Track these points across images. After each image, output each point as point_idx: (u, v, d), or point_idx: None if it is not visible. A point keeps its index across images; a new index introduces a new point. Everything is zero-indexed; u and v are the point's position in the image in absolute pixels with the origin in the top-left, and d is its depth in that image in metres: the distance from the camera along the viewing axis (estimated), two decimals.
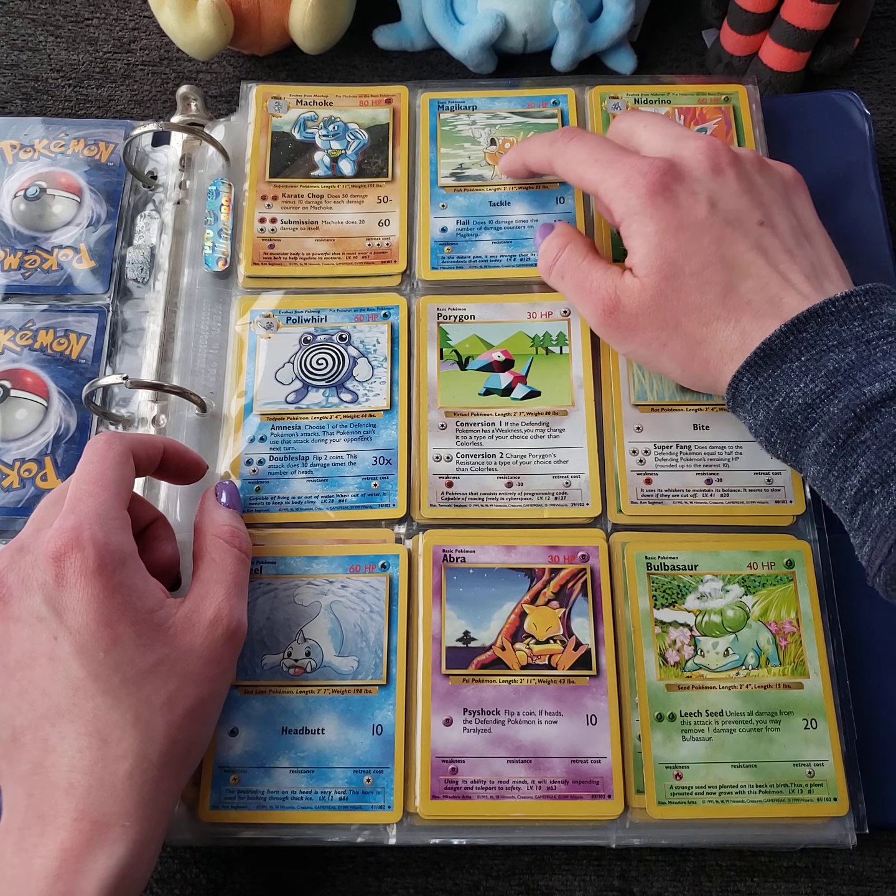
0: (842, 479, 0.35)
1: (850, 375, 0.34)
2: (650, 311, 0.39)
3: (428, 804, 0.39)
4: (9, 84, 0.57)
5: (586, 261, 0.42)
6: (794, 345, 0.35)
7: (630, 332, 0.40)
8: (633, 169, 0.39)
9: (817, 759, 0.39)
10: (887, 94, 0.57)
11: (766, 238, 0.38)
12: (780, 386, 0.36)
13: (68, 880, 0.31)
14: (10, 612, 0.34)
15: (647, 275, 0.38)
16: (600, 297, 0.40)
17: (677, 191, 0.38)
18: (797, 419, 0.35)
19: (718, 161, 0.39)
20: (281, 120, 0.51)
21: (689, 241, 0.38)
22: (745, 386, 0.37)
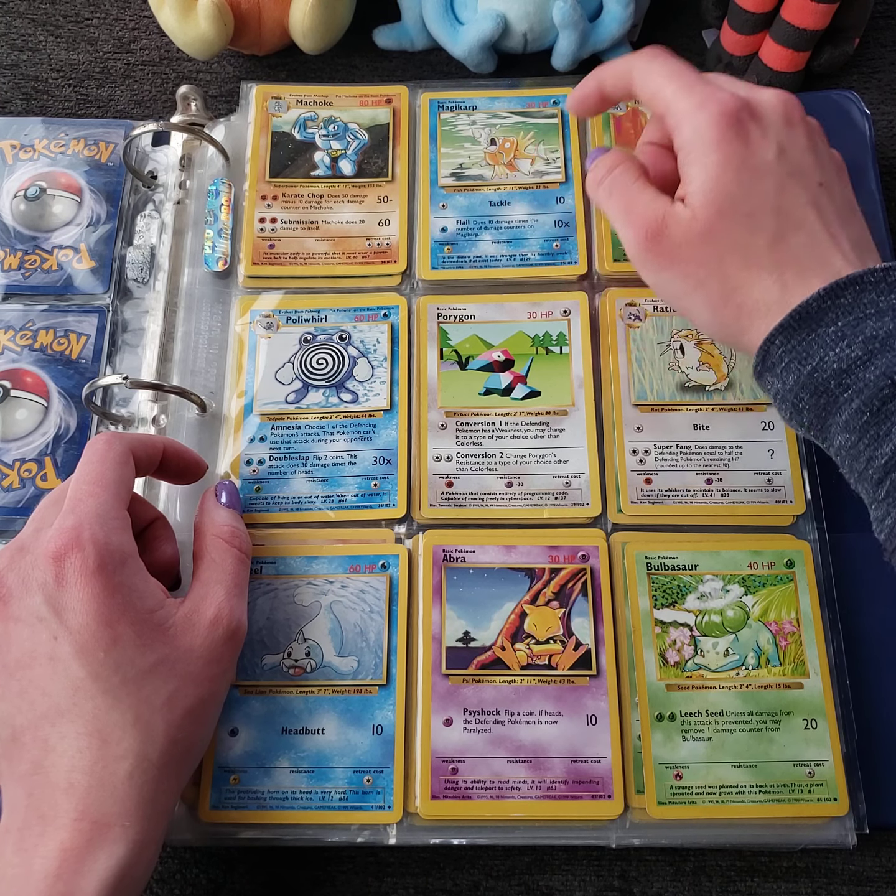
0: (872, 448, 0.34)
1: (887, 343, 0.33)
2: (696, 242, 0.37)
3: (428, 804, 0.39)
4: (9, 84, 0.57)
5: (639, 182, 0.40)
6: (832, 309, 0.35)
7: (669, 262, 0.38)
8: (713, 95, 0.37)
9: (817, 759, 0.39)
10: (887, 94, 0.57)
11: (823, 198, 0.37)
12: (815, 350, 0.35)
13: (68, 880, 0.31)
14: (10, 612, 0.34)
15: (701, 205, 0.37)
16: (647, 219, 0.38)
17: (750, 128, 0.37)
18: (830, 384, 0.34)
19: (793, 114, 0.38)
20: (281, 120, 0.51)
21: (750, 180, 0.37)
22: (777, 349, 0.36)
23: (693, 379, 0.45)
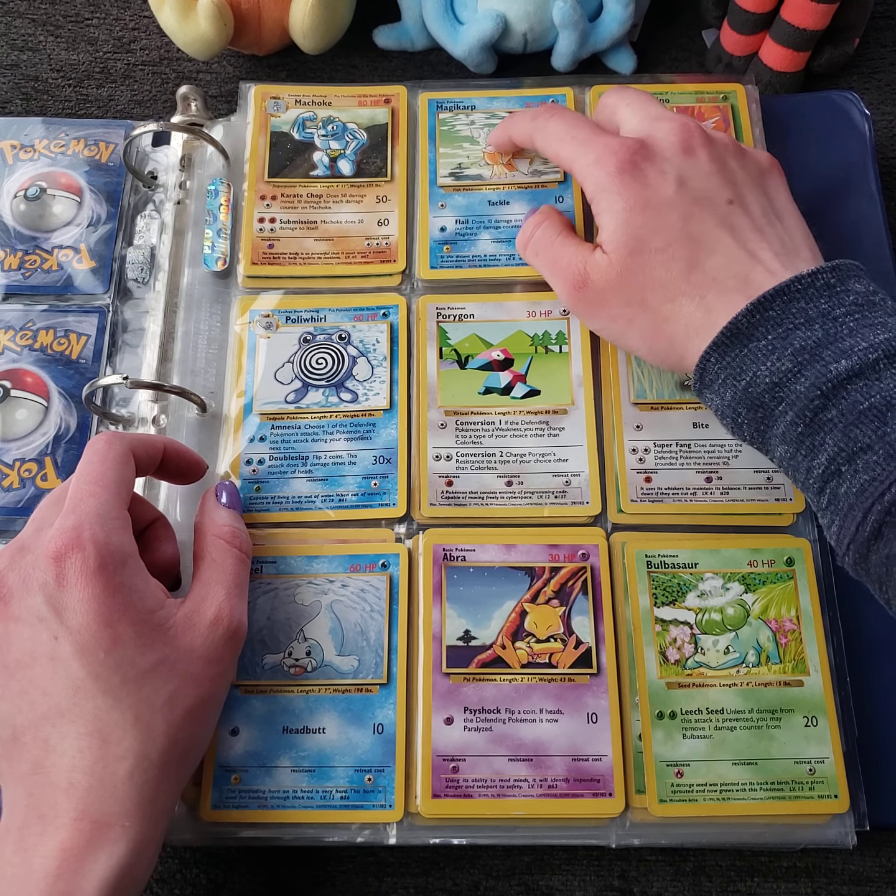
0: (809, 458, 0.34)
1: (816, 353, 0.34)
2: (617, 286, 0.39)
3: (429, 803, 0.39)
4: (9, 84, 0.57)
5: (560, 237, 0.42)
6: (761, 323, 0.35)
7: (598, 308, 0.40)
8: (605, 148, 0.40)
9: (818, 756, 0.39)
10: (887, 94, 0.57)
11: (734, 216, 0.38)
12: (748, 365, 0.35)
13: (68, 880, 0.31)
14: (10, 612, 0.34)
15: (613, 250, 0.39)
16: (570, 272, 0.41)
17: (646, 169, 0.39)
18: (764, 398, 0.35)
19: (691, 142, 0.39)
20: (280, 120, 0.51)
21: (655, 217, 0.38)
22: (713, 366, 0.36)
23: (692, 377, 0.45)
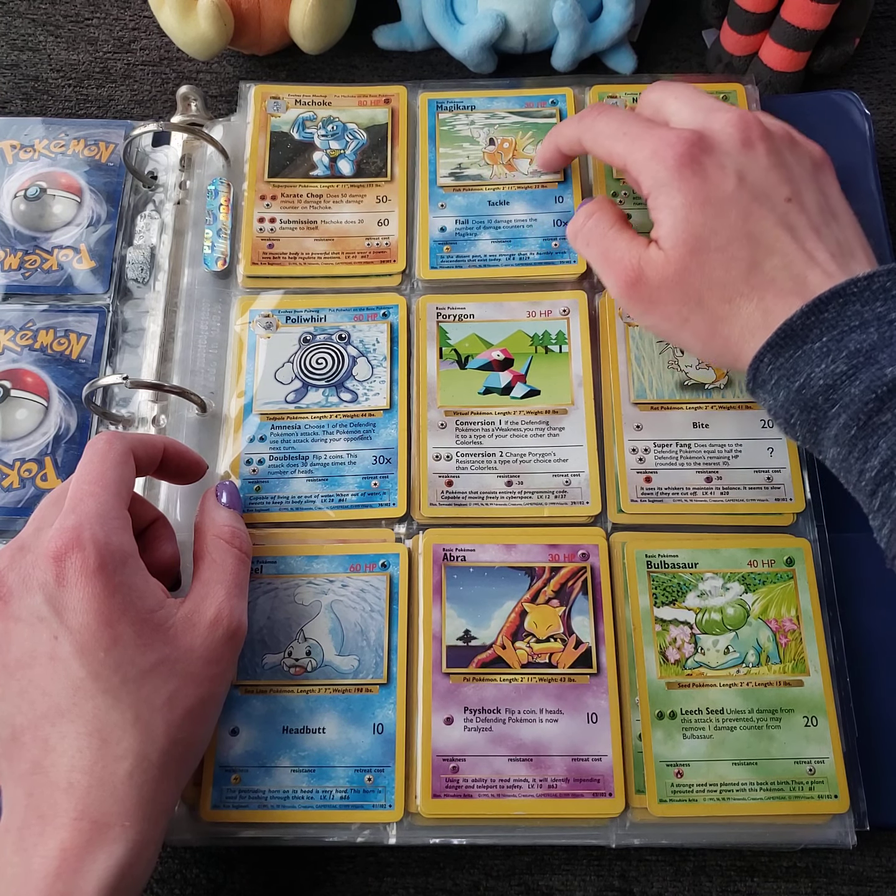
0: (862, 461, 0.34)
1: (871, 356, 0.34)
2: (673, 284, 0.38)
3: (429, 803, 0.39)
4: (9, 84, 0.57)
5: (613, 230, 0.41)
6: (816, 325, 0.35)
7: (652, 305, 0.39)
8: (661, 141, 0.39)
9: (818, 756, 0.39)
10: (887, 94, 0.57)
11: (792, 214, 0.38)
12: (801, 367, 0.35)
13: (67, 880, 0.31)
14: (10, 612, 0.34)
15: (672, 247, 0.38)
16: (623, 267, 0.39)
17: (705, 163, 0.38)
18: (818, 400, 0.35)
19: (749, 134, 0.39)
20: (280, 120, 0.51)
21: (715, 215, 0.37)
22: (766, 367, 0.36)
23: (692, 377, 0.45)
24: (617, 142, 0.41)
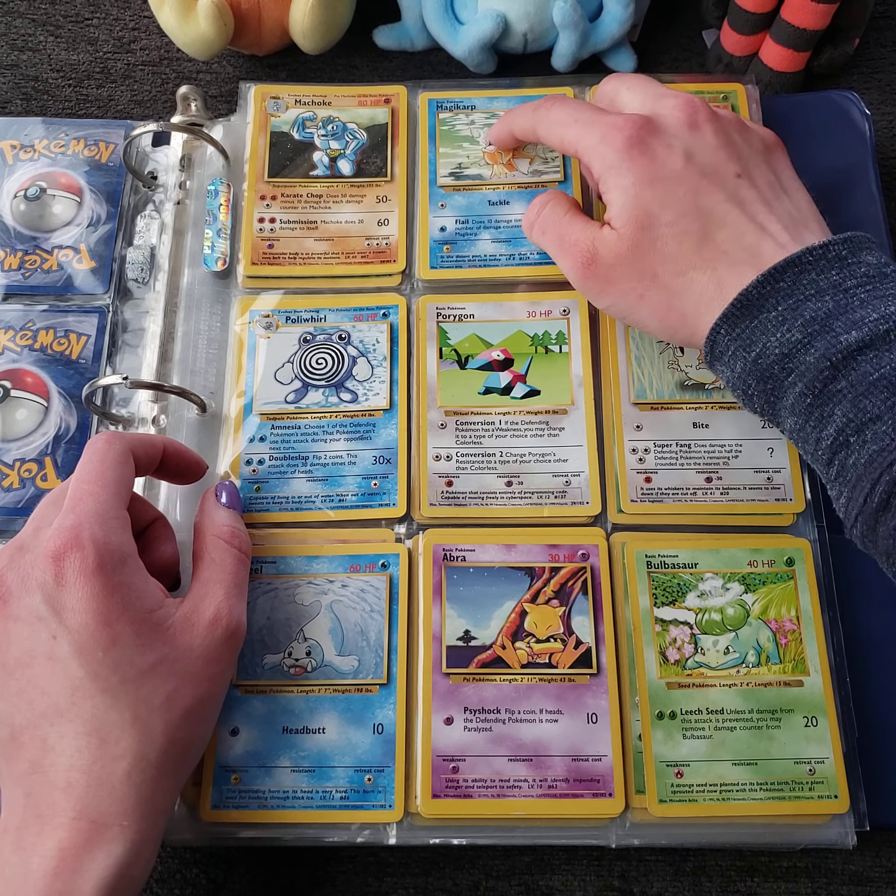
0: (818, 430, 0.34)
1: (826, 324, 0.34)
2: (627, 261, 0.39)
3: (429, 803, 0.39)
4: (9, 84, 0.57)
5: (567, 215, 0.42)
6: (771, 294, 0.35)
7: (608, 284, 0.40)
8: (610, 125, 0.39)
9: (818, 756, 0.39)
10: (887, 94, 0.57)
11: (742, 189, 0.38)
12: (757, 336, 0.35)
13: (66, 879, 0.31)
14: (9, 611, 0.34)
15: (623, 225, 0.38)
16: (579, 249, 0.40)
17: (653, 144, 0.39)
18: (774, 369, 0.35)
19: (696, 117, 0.39)
20: (280, 120, 0.51)
21: (664, 191, 0.38)
22: (723, 338, 0.36)
23: (692, 377, 0.45)
24: (568, 129, 0.41)
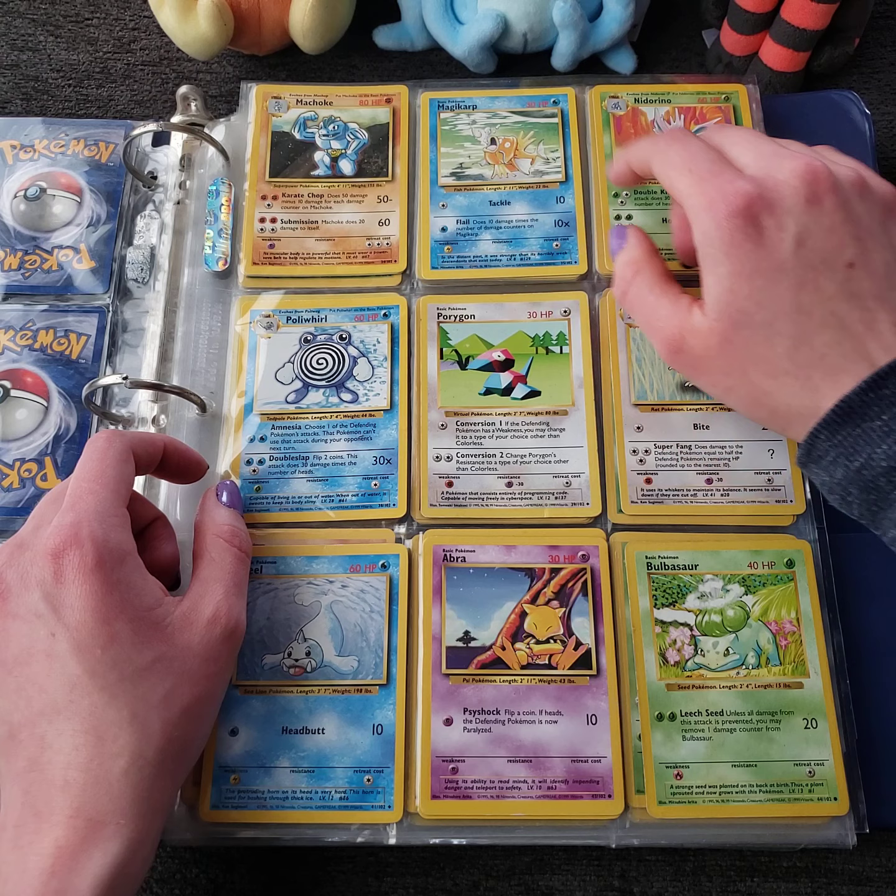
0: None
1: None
2: (716, 355, 0.37)
3: (428, 804, 0.39)
4: (9, 84, 0.57)
5: (653, 294, 0.39)
6: (875, 402, 0.34)
7: (696, 371, 0.39)
8: (720, 192, 0.36)
9: (817, 758, 0.39)
10: (887, 94, 0.57)
11: (853, 282, 0.35)
12: (861, 446, 0.34)
13: (63, 878, 0.31)
14: (8, 609, 0.34)
15: (716, 319, 0.36)
16: (666, 335, 0.38)
17: (763, 223, 0.35)
18: (880, 482, 0.34)
19: (816, 188, 0.36)
20: (281, 120, 0.51)
21: (763, 287, 0.35)
22: (823, 443, 0.35)
23: None
24: (681, 177, 0.38)
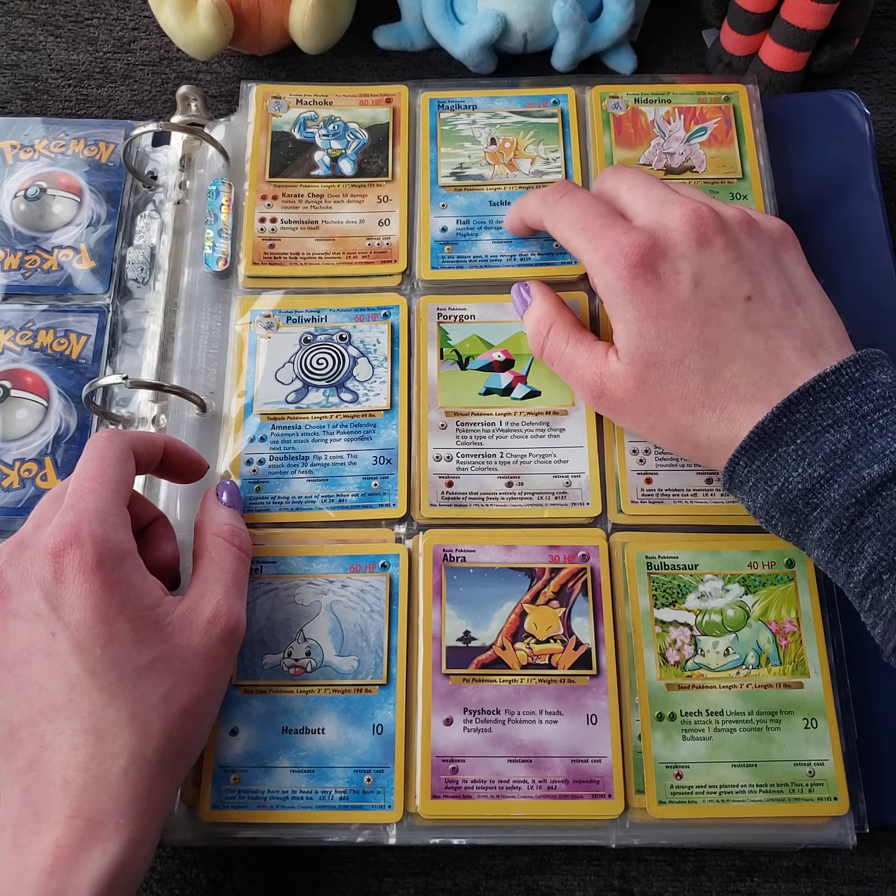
0: (848, 564, 0.34)
1: (847, 457, 0.34)
2: (635, 397, 0.38)
3: (428, 804, 0.39)
4: (9, 84, 0.57)
5: (569, 345, 0.41)
6: (788, 427, 0.35)
7: (619, 414, 0.40)
8: (615, 246, 0.38)
9: (818, 758, 0.39)
10: (887, 94, 0.57)
11: (753, 314, 0.37)
12: (778, 471, 0.35)
13: (62, 878, 0.31)
14: (8, 608, 0.34)
15: (629, 363, 0.38)
16: (587, 382, 0.40)
17: (660, 270, 0.37)
18: (798, 504, 0.35)
19: (704, 230, 0.38)
20: (281, 119, 0.51)
21: (669, 327, 0.37)
22: (742, 469, 0.36)
23: None
24: (575, 234, 0.40)
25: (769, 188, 0.49)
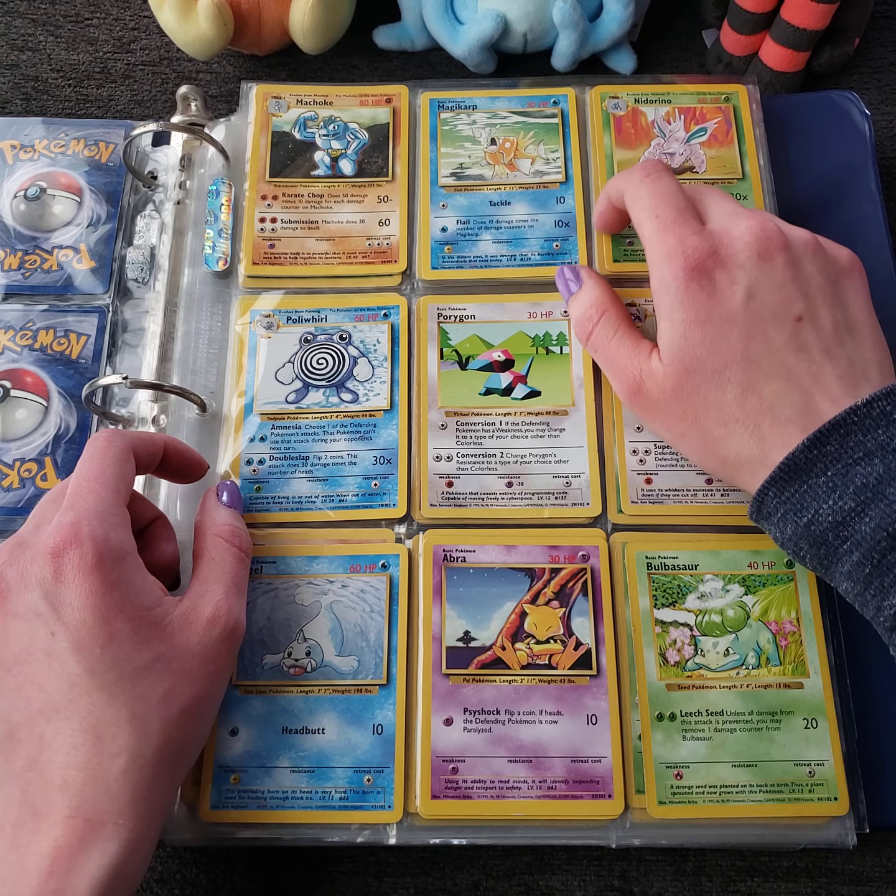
0: (879, 598, 0.34)
1: (878, 491, 0.33)
2: (671, 399, 0.38)
3: (428, 804, 0.39)
4: (9, 84, 0.57)
5: (616, 336, 0.41)
6: (820, 459, 0.34)
7: (652, 415, 0.40)
8: (679, 245, 0.38)
9: (818, 758, 0.39)
10: (887, 94, 0.57)
11: (801, 335, 0.37)
12: (808, 502, 0.35)
13: (61, 878, 0.31)
14: (8, 608, 0.34)
15: (669, 364, 0.38)
16: (626, 376, 0.40)
17: (716, 277, 0.37)
18: (828, 536, 0.35)
19: (768, 245, 0.37)
20: (281, 119, 0.51)
21: (715, 335, 0.37)
22: (771, 500, 0.36)
23: None
24: (647, 220, 0.40)
25: (769, 188, 0.49)
